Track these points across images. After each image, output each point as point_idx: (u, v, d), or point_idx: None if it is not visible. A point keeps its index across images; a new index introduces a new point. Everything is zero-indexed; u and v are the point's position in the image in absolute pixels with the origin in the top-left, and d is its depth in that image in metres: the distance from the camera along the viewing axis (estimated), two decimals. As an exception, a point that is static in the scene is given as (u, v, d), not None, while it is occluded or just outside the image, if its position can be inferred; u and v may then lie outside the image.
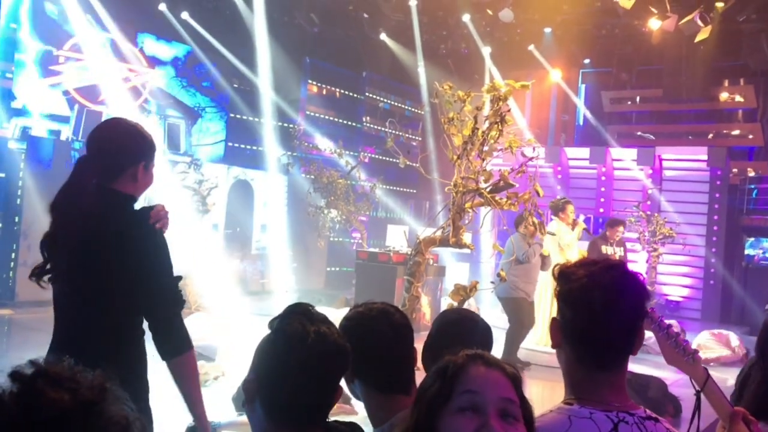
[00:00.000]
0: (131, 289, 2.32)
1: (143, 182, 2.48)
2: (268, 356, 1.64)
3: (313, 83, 15.63)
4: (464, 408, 1.34)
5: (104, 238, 2.34)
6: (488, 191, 5.99)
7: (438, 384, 1.38)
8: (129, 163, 2.41)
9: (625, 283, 1.67)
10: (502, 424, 1.33)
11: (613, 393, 1.65)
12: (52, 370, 0.85)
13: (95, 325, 2.35)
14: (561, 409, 1.64)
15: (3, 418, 0.78)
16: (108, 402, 0.85)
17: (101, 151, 2.42)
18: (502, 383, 1.38)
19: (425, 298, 10.79)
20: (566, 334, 1.69)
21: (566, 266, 1.74)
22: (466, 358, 1.42)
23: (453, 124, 6.03)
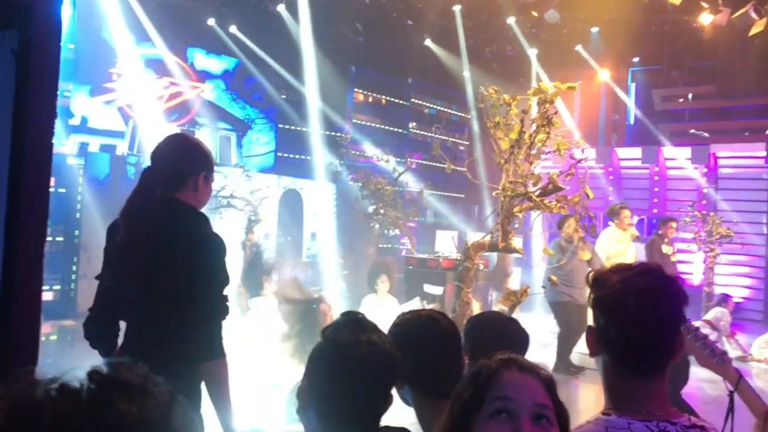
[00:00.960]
0: (188, 292, 2.39)
1: (203, 193, 2.58)
2: (320, 365, 1.68)
3: (359, 91, 15.73)
4: (497, 413, 1.34)
5: (168, 244, 2.44)
6: (537, 195, 5.94)
7: (471, 389, 1.39)
8: (190, 173, 2.53)
9: (661, 288, 1.63)
10: (535, 429, 1.32)
11: (653, 402, 1.61)
12: (125, 377, 0.85)
13: (160, 328, 2.44)
14: (598, 420, 1.62)
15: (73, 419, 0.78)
16: (173, 417, 0.85)
17: (164, 162, 2.54)
18: (536, 388, 1.38)
19: (476, 304, 10.72)
20: (602, 343, 1.66)
21: (600, 272, 1.72)
22: (499, 362, 1.42)
23: (499, 128, 6.01)
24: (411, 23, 14.29)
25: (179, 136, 2.75)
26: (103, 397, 0.81)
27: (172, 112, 12.70)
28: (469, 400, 1.38)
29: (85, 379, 0.82)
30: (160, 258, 2.44)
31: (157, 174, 2.55)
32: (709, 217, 12.02)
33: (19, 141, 1.67)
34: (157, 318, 2.45)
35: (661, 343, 1.64)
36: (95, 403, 0.80)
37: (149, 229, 2.46)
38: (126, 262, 2.49)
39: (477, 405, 1.36)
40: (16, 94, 1.67)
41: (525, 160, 5.85)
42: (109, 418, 0.79)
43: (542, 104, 5.70)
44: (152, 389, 0.85)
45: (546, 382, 1.41)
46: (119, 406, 0.80)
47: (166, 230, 2.46)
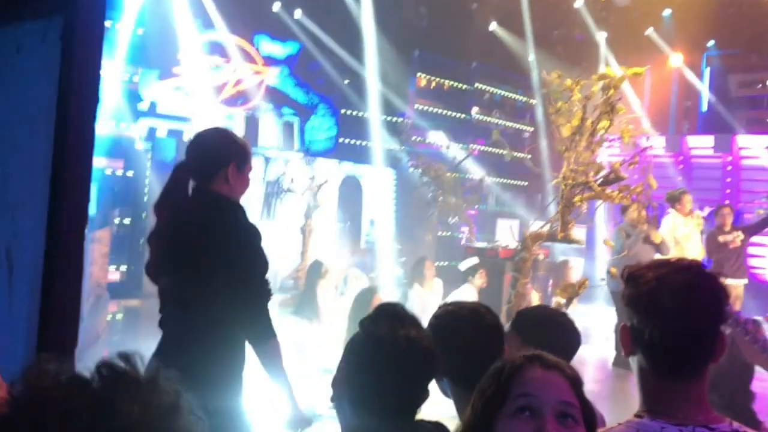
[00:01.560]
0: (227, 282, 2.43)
1: (237, 184, 2.61)
2: (357, 357, 1.66)
3: (422, 76, 15.62)
4: (520, 411, 1.30)
5: (203, 235, 2.47)
6: (598, 184, 5.78)
7: (494, 386, 1.35)
8: (219, 165, 2.57)
9: (698, 286, 1.53)
10: (559, 428, 1.28)
11: (690, 405, 1.52)
12: (132, 375, 0.85)
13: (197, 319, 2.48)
14: (630, 422, 1.54)
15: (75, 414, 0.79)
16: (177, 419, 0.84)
17: (194, 155, 2.61)
18: (561, 386, 1.34)
19: (536, 295, 10.56)
20: (637, 342, 1.57)
21: (635, 268, 1.63)
22: (523, 359, 1.38)
23: (561, 114, 5.86)
24: (476, 6, 14.10)
25: (210, 129, 2.79)
26: (107, 395, 0.81)
27: (236, 98, 12.89)
28: (492, 397, 1.35)
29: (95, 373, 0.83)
30: (194, 249, 2.48)
31: (187, 167, 2.60)
32: (785, 209, 11.49)
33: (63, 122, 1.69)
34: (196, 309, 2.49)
35: (700, 343, 1.54)
36: (98, 401, 0.80)
37: (183, 220, 2.51)
38: (160, 253, 2.56)
39: (500, 402, 1.33)
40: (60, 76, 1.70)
41: (586, 148, 5.69)
42: (110, 417, 0.79)
43: (606, 90, 5.52)
44: (158, 389, 0.85)
45: (572, 379, 1.36)
46: (121, 406, 0.80)
47: (199, 221, 2.51)
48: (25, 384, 0.82)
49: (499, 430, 1.31)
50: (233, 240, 2.47)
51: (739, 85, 14.83)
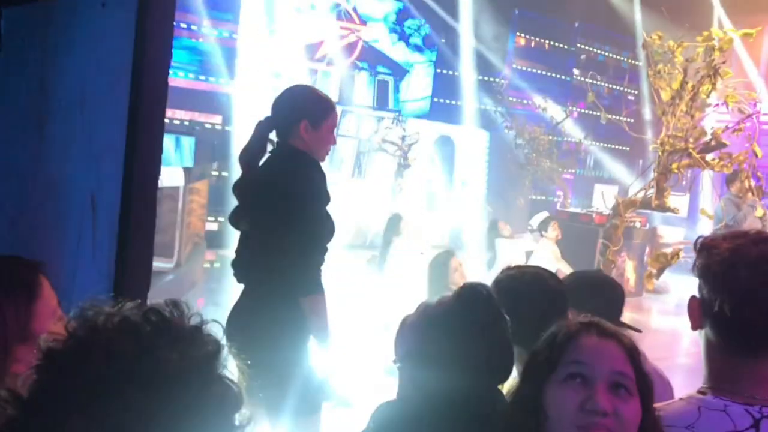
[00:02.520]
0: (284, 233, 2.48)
1: (313, 140, 2.65)
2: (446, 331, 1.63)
3: (521, 35, 15.19)
4: (571, 378, 1.27)
5: (272, 186, 2.55)
6: (698, 151, 5.50)
7: (547, 350, 1.33)
8: (292, 120, 2.62)
9: None
10: (611, 398, 1.24)
11: (759, 384, 1.43)
12: (176, 323, 0.89)
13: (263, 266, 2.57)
14: (691, 398, 1.47)
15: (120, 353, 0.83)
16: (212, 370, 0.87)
17: (274, 111, 2.68)
18: (616, 355, 1.29)
19: (630, 263, 10.25)
20: (706, 315, 1.49)
21: (710, 238, 1.55)
22: (579, 326, 1.34)
23: (661, 77, 5.59)
24: (580, -37, 13.51)
25: (292, 86, 2.83)
26: (150, 340, 0.85)
27: (333, 56, 12.97)
28: (545, 362, 1.32)
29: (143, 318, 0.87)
30: (265, 200, 2.55)
31: (267, 123, 2.69)
32: None
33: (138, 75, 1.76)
34: (260, 256, 2.58)
35: None
36: (141, 345, 0.84)
37: (259, 172, 2.60)
38: (240, 203, 2.66)
39: (552, 367, 1.31)
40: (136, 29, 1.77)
41: (686, 113, 5.41)
42: (151, 361, 0.83)
43: (709, 52, 5.20)
44: (200, 339, 0.89)
45: (629, 349, 1.32)
46: (162, 353, 0.84)
47: (271, 173, 2.58)
48: (79, 321, 0.88)
49: (548, 395, 1.29)
50: (297, 194, 2.52)
51: None
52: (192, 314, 0.91)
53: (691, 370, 6.86)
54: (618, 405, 1.25)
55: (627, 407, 1.26)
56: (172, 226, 7.85)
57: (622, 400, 1.26)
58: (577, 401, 1.25)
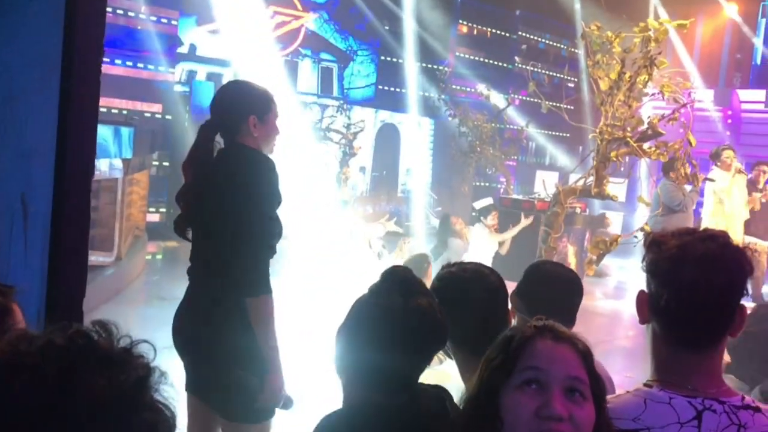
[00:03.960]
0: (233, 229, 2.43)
1: (262, 134, 2.61)
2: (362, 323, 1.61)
3: (463, 23, 15.29)
4: (527, 384, 1.27)
5: (224, 186, 2.49)
6: (635, 140, 5.63)
7: (502, 355, 1.32)
8: (239, 118, 2.56)
9: (722, 256, 1.48)
10: (566, 403, 1.24)
11: (702, 377, 1.48)
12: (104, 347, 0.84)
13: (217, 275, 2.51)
14: (638, 391, 1.51)
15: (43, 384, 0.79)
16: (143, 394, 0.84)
17: (216, 112, 2.62)
18: (571, 359, 1.29)
19: (571, 248, 10.48)
20: (653, 309, 1.53)
21: (659, 235, 1.59)
22: (534, 330, 1.33)
23: (600, 67, 5.68)
24: (521, -48, 13.65)
25: (229, 83, 2.78)
26: (76, 365, 0.81)
27: (276, 42, 12.81)
28: (499, 367, 1.31)
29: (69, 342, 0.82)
30: (217, 199, 2.50)
31: (211, 125, 2.62)
32: (835, 169, 11.08)
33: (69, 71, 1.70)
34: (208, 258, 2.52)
35: (718, 315, 1.50)
36: (66, 371, 0.80)
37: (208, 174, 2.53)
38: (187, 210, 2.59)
39: (507, 373, 1.29)
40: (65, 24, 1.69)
41: (624, 102, 5.53)
42: (75, 389, 0.79)
43: (646, 43, 5.32)
44: (128, 363, 0.84)
45: (583, 353, 1.32)
46: (87, 379, 0.80)
47: (222, 173, 2.52)
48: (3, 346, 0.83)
49: (504, 401, 1.28)
50: (252, 194, 2.46)
51: (795, 37, 14.22)
52: (121, 336, 0.86)
53: (630, 352, 7.07)
54: (573, 410, 1.25)
55: (582, 412, 1.26)
56: (111, 218, 7.65)
57: (577, 405, 1.26)
58: (532, 407, 1.25)
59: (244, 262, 2.42)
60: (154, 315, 6.38)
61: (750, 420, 1.45)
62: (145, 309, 7.28)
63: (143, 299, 7.74)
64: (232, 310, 2.44)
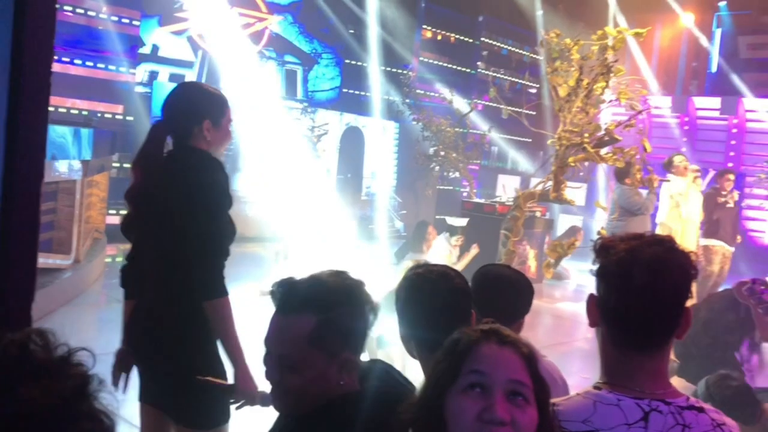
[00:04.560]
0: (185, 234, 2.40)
1: (216, 138, 2.58)
2: None
3: (427, 28, 15.38)
4: (471, 387, 1.28)
5: (169, 188, 2.46)
6: (593, 146, 5.74)
7: (448, 359, 1.33)
8: (193, 123, 2.53)
9: (669, 260, 1.51)
10: (509, 407, 1.26)
11: (650, 379, 1.52)
12: (40, 357, 0.83)
13: (162, 273, 2.47)
14: (588, 393, 1.53)
15: None
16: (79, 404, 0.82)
17: (169, 113, 2.58)
18: (514, 363, 1.31)
19: (531, 251, 10.61)
20: (602, 312, 1.57)
21: (608, 239, 1.63)
22: (479, 334, 1.35)
23: (558, 74, 5.79)
24: (485, -42, 13.79)
25: (183, 85, 2.77)
26: (9, 376, 0.79)
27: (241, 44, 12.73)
28: (445, 371, 1.32)
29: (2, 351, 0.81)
30: (168, 202, 2.46)
31: (163, 126, 2.58)
32: (786, 175, 11.44)
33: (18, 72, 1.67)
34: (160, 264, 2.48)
35: (663, 318, 1.54)
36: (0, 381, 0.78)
37: (157, 177, 2.49)
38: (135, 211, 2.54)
39: (452, 377, 1.31)
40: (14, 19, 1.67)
41: (581, 109, 5.63)
42: (9, 400, 0.77)
43: (603, 51, 5.43)
44: (65, 372, 0.83)
45: (527, 357, 1.33)
46: (22, 389, 0.78)
47: (172, 177, 2.48)
48: None
49: (449, 405, 1.30)
50: (203, 197, 2.44)
51: (748, 47, 14.60)
52: (58, 345, 0.85)
53: (587, 354, 7.18)
54: (515, 413, 1.27)
55: (524, 415, 1.28)
56: (69, 221, 7.52)
57: (519, 409, 1.27)
58: (475, 411, 1.26)
59: (200, 266, 2.40)
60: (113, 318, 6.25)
61: (694, 420, 1.49)
62: (104, 312, 7.18)
63: (102, 302, 7.63)
64: (187, 314, 2.42)
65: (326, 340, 1.55)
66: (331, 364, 1.57)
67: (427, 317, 1.95)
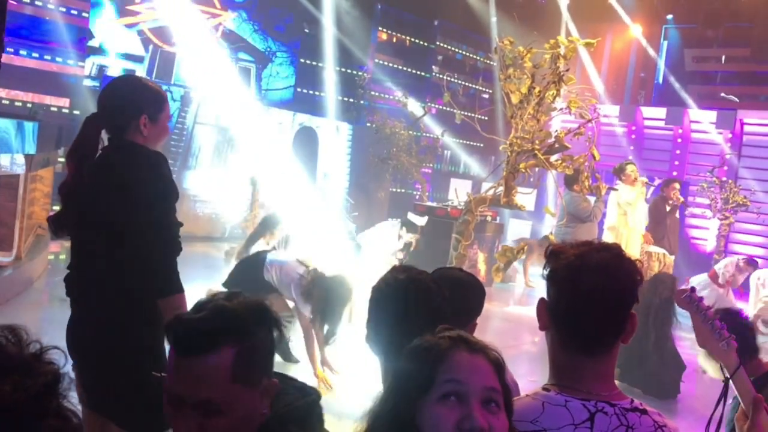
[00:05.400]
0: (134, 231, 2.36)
1: (152, 133, 2.55)
2: None
3: (383, 30, 15.42)
4: (446, 397, 1.29)
5: (111, 184, 2.41)
6: (543, 152, 5.84)
7: (418, 369, 1.33)
8: (131, 116, 2.50)
9: (616, 266, 1.58)
10: (485, 413, 1.28)
11: (596, 381, 1.58)
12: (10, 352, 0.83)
13: (107, 273, 2.42)
14: (537, 394, 1.59)
15: None
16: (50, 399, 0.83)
17: (105, 107, 2.54)
18: (486, 370, 1.33)
19: (481, 255, 10.74)
20: (551, 316, 1.63)
21: (558, 246, 1.68)
22: (449, 342, 1.36)
23: (511, 81, 5.87)
24: (441, -37, 13.90)
25: (121, 78, 2.77)
26: None
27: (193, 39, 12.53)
28: (417, 381, 1.32)
29: None
30: (109, 198, 2.42)
31: (98, 118, 2.53)
32: (727, 185, 11.81)
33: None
34: (105, 260, 2.43)
35: (610, 322, 1.59)
36: None
37: (93, 171, 2.44)
38: (69, 206, 2.48)
39: (426, 387, 1.30)
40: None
41: (533, 116, 5.73)
42: None
43: (555, 60, 5.53)
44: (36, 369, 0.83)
45: (496, 363, 1.36)
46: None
47: (111, 172, 2.44)
48: None
49: (424, 414, 1.29)
50: (150, 192, 2.40)
51: (693, 59, 15.05)
52: (30, 341, 0.85)
53: (535, 357, 7.30)
54: (491, 420, 1.28)
55: (498, 421, 1.30)
56: (11, 216, 7.30)
57: (493, 415, 1.30)
58: (453, 420, 1.27)
59: (153, 264, 2.37)
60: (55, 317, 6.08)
61: (637, 421, 1.55)
62: (47, 310, 6.99)
63: (45, 300, 7.42)
64: (133, 314, 2.38)
65: (249, 371, 1.39)
66: (255, 395, 1.42)
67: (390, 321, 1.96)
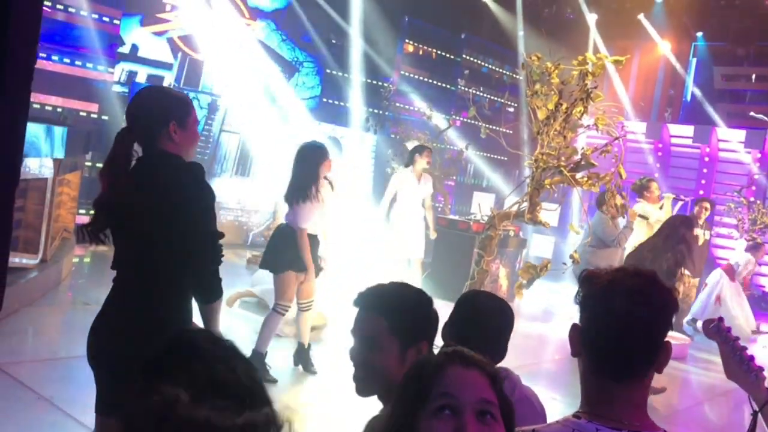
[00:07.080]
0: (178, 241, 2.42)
1: (182, 140, 2.58)
2: None
3: (409, 42, 15.45)
4: (441, 410, 1.31)
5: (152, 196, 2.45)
6: (569, 169, 5.80)
7: (415, 385, 1.36)
8: (159, 126, 2.55)
9: (651, 293, 1.55)
10: (479, 426, 1.29)
11: (628, 409, 1.54)
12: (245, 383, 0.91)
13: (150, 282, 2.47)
14: (567, 421, 1.56)
15: None
16: None
17: (133, 120, 2.57)
18: (480, 383, 1.35)
19: (503, 270, 10.67)
20: (583, 342, 1.61)
21: (592, 271, 1.66)
22: (443, 357, 1.39)
23: (538, 96, 5.84)
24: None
25: (145, 90, 2.75)
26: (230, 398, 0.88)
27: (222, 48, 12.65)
28: (414, 397, 1.35)
29: None
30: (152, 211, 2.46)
31: (129, 132, 2.57)
32: (755, 205, 11.64)
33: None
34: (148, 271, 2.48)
35: (642, 348, 1.57)
36: None
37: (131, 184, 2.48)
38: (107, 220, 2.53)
39: (421, 402, 1.33)
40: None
41: (559, 133, 5.69)
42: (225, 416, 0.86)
43: (583, 77, 5.49)
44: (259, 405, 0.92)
45: (491, 376, 1.37)
46: None
47: (149, 182, 2.48)
48: None
49: (421, 428, 1.32)
50: (184, 198, 2.45)
51: (723, 77, 14.89)
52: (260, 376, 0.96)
53: (555, 375, 7.23)
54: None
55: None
56: (39, 219, 7.39)
57: (488, 427, 1.30)
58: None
59: (202, 273, 2.45)
60: (77, 320, 6.19)
61: None
62: (68, 314, 7.07)
63: (67, 304, 7.50)
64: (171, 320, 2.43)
65: None
66: None
67: None
